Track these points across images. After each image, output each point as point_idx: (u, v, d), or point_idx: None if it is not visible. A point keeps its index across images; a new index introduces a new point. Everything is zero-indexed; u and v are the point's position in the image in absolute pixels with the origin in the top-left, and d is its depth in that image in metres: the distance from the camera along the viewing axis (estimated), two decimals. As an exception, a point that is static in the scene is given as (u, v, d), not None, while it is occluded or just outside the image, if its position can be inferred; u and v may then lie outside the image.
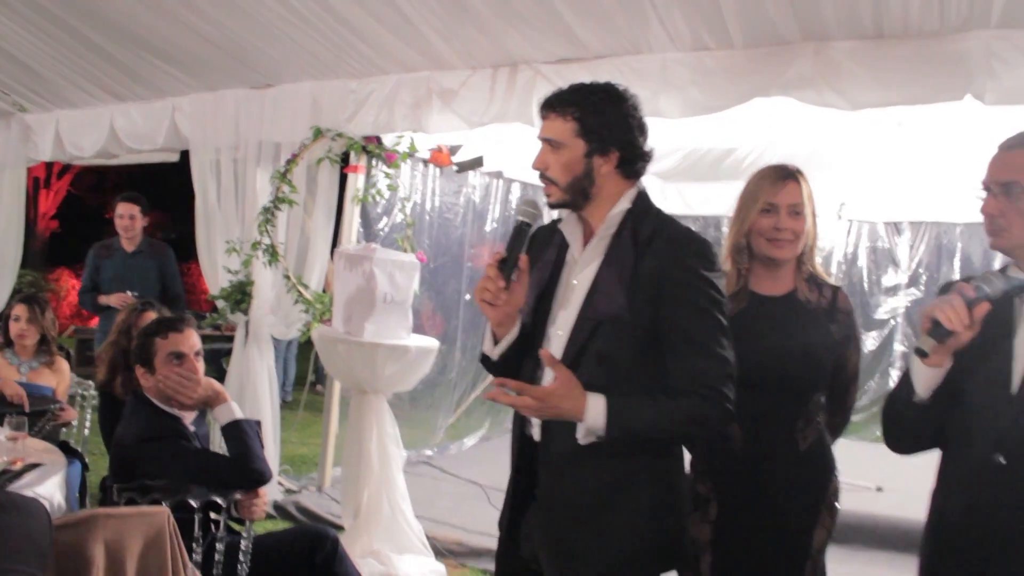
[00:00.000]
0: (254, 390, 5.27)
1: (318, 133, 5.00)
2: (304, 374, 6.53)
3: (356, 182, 5.17)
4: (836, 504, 2.48)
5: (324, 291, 5.27)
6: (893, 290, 7.95)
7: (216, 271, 5.40)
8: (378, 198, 5.19)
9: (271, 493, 5.28)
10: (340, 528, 4.57)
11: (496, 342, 2.14)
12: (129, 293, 5.56)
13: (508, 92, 4.45)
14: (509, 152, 6.04)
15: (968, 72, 3.53)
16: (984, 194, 1.93)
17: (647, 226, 2.06)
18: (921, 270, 7.90)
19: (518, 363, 2.12)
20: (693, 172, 7.56)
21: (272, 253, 5.09)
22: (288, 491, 5.50)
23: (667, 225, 2.08)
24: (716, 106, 4.03)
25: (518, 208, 2.06)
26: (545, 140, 2.11)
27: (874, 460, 4.18)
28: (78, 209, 18.13)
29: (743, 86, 3.93)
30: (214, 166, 5.48)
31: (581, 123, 2.06)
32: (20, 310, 4.41)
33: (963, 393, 1.91)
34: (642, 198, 2.13)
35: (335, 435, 5.40)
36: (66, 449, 3.90)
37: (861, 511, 5.06)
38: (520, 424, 2.17)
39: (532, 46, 4.26)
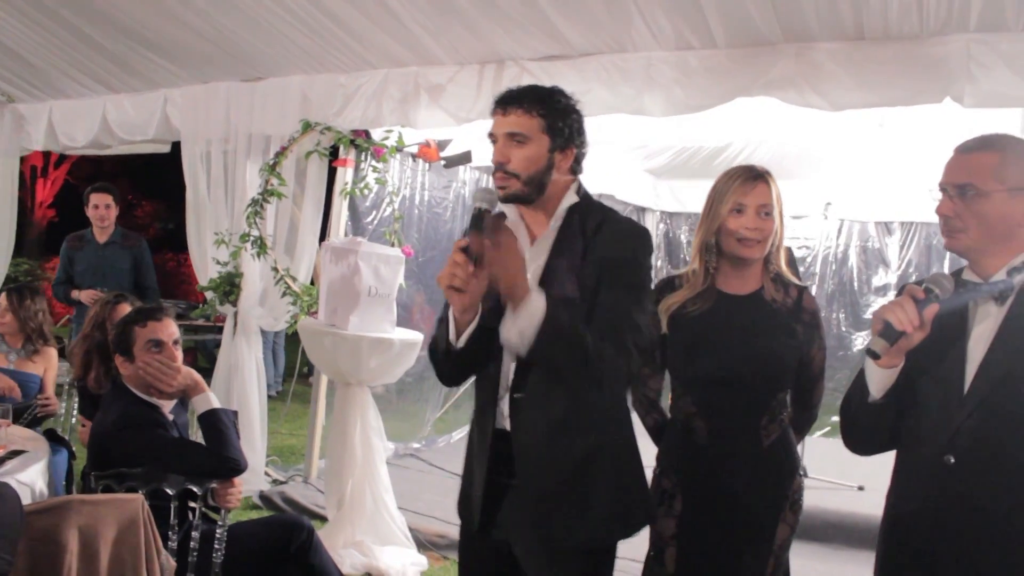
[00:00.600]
0: (242, 381, 5.31)
1: (307, 126, 5.04)
2: (293, 365, 6.56)
3: (345, 176, 5.21)
4: (800, 501, 2.51)
5: (312, 283, 5.31)
6: (883, 290, 7.99)
7: (206, 262, 5.44)
8: (366, 192, 5.23)
9: (257, 483, 5.33)
10: (324, 519, 4.63)
11: (458, 332, 2.15)
12: (97, 289, 5.53)
13: (495, 88, 4.47)
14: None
15: (947, 75, 3.57)
16: (940, 195, 1.97)
17: (594, 218, 2.18)
18: (911, 270, 7.93)
19: (476, 356, 2.16)
20: (685, 169, 7.60)
21: (260, 245, 5.12)
22: (275, 481, 5.55)
23: (612, 216, 2.21)
24: (699, 105, 4.06)
25: (476, 195, 2.10)
26: (511, 134, 2.15)
27: (856, 459, 4.20)
28: (75, 198, 18.11)
29: (726, 86, 3.97)
30: (205, 158, 5.52)
31: (547, 120, 2.14)
32: (2, 299, 4.41)
33: (917, 394, 1.95)
34: (584, 191, 2.25)
35: (322, 426, 5.43)
36: (53, 437, 3.94)
37: (843, 510, 5.11)
38: (487, 420, 2.23)
39: (517, 43, 4.30)
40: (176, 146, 5.93)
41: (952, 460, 1.86)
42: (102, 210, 5.88)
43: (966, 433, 1.85)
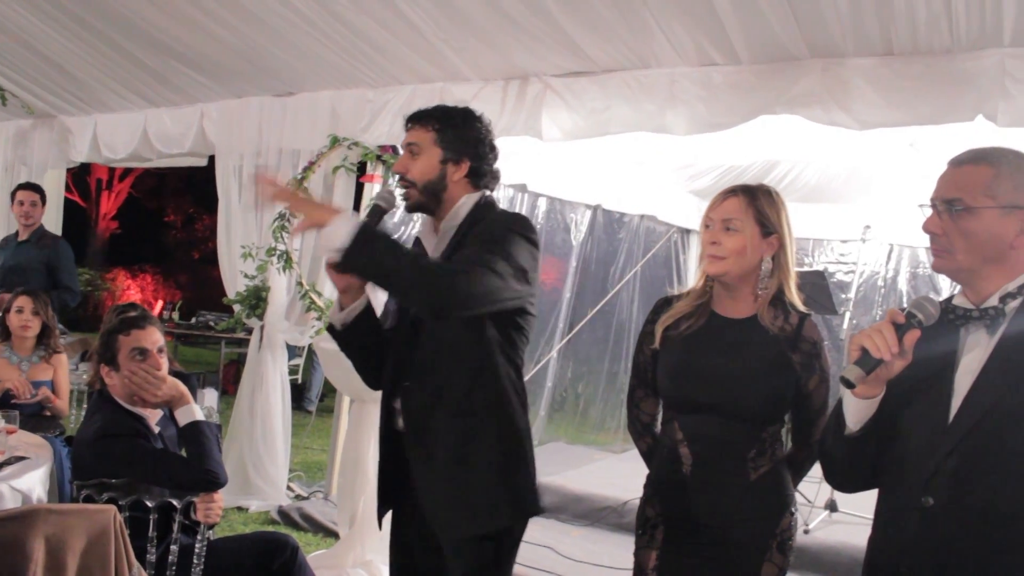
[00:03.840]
0: (266, 396, 5.32)
1: (335, 141, 5.05)
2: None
3: (372, 191, 5.19)
4: (790, 541, 2.34)
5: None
6: (933, 317, 7.64)
7: (235, 275, 5.48)
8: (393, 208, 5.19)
9: (278, 498, 5.32)
10: (339, 537, 4.58)
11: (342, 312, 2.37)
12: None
13: (518, 105, 4.44)
14: (533, 165, 6.01)
15: (980, 92, 3.40)
16: (929, 211, 1.83)
17: (478, 218, 2.36)
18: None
19: (366, 342, 2.43)
20: (731, 191, 7.41)
21: (286, 260, 5.13)
22: (298, 497, 5.53)
23: (491, 214, 2.37)
24: (723, 123, 3.94)
25: (377, 195, 2.29)
26: (408, 145, 2.39)
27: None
28: (138, 211, 18.59)
29: (750, 103, 3.84)
30: (237, 171, 5.58)
31: (439, 134, 2.36)
32: (23, 301, 4.38)
33: (899, 428, 1.80)
34: (487, 202, 2.42)
35: (343, 443, 5.39)
36: (71, 443, 3.96)
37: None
38: (384, 418, 2.44)
39: (540, 59, 4.25)
40: (210, 162, 6.01)
41: (931, 502, 1.70)
42: (27, 207, 5.72)
43: (945, 473, 1.69)
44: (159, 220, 18.98)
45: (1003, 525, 1.64)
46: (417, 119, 2.40)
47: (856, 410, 1.79)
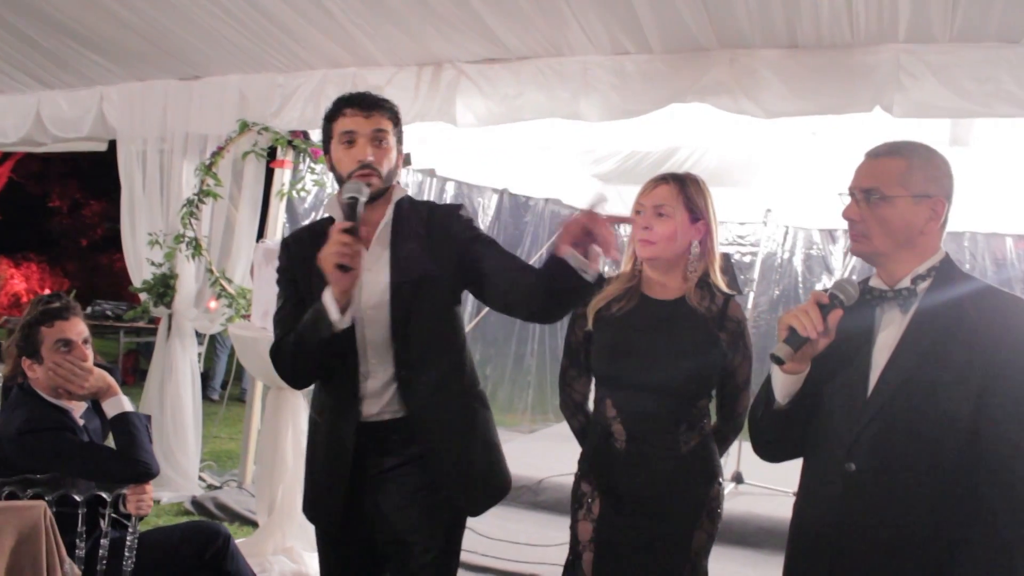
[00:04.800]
0: (176, 385, 5.22)
1: (244, 126, 4.97)
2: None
3: (282, 177, 5.14)
4: (718, 509, 2.48)
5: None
6: (825, 297, 8.01)
7: (140, 263, 5.34)
8: (303, 194, 5.16)
9: (191, 489, 5.23)
10: (256, 525, 4.55)
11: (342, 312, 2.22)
12: None
13: (432, 91, 4.46)
14: (441, 150, 6.04)
15: (877, 84, 3.60)
16: (848, 199, 1.97)
17: (422, 208, 2.44)
18: (855, 278, 7.95)
19: (351, 341, 2.31)
20: (633, 175, 7.56)
21: (195, 247, 5.03)
22: (210, 487, 5.45)
23: (432, 204, 2.51)
24: (635, 110, 4.06)
25: (346, 188, 2.21)
26: (378, 131, 2.31)
27: (791, 466, 4.22)
28: (20, 197, 17.67)
29: (661, 91, 3.97)
30: (140, 157, 5.43)
31: (395, 123, 2.37)
32: None
33: (823, 401, 1.94)
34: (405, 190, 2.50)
35: (257, 431, 5.34)
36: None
37: (776, 516, 5.08)
38: (349, 415, 2.35)
39: (454, 46, 4.27)
40: (113, 145, 5.81)
41: (853, 467, 1.85)
42: None
43: (866, 440, 1.84)
44: (43, 206, 18.13)
45: (920, 486, 1.79)
46: (381, 106, 2.33)
47: (784, 385, 1.92)
